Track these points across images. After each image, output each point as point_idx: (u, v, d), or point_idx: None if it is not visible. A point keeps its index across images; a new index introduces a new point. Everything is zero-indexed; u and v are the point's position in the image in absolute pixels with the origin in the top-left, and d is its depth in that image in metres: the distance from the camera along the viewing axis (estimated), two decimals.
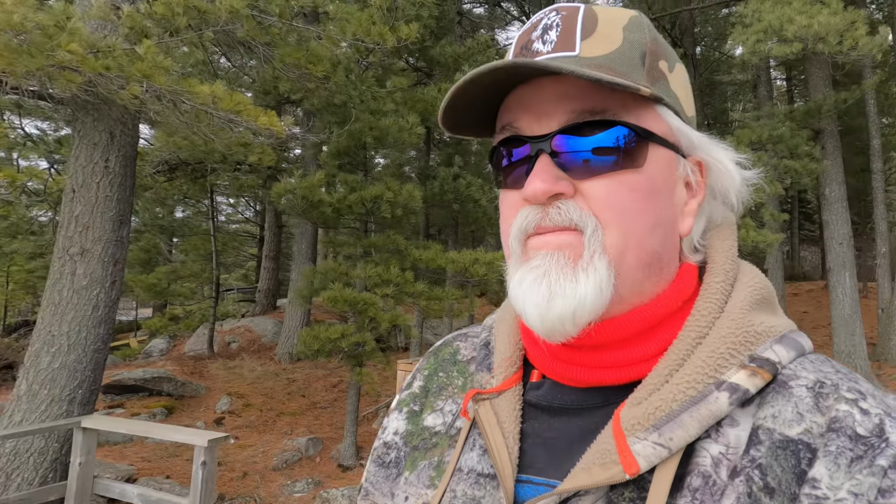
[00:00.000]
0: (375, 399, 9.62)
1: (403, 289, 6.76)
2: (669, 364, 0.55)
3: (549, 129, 0.57)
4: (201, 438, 4.43)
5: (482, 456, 0.63)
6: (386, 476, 0.73)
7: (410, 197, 6.65)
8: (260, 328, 14.00)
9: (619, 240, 0.56)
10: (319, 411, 9.16)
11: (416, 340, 10.00)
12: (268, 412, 8.99)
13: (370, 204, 6.58)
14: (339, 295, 6.57)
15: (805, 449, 0.50)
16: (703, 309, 0.58)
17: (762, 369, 0.53)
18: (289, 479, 6.69)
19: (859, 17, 5.85)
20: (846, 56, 6.22)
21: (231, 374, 10.84)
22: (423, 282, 6.83)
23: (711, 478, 0.51)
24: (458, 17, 9.50)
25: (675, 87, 0.62)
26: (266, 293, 16.51)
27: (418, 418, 0.74)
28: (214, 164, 11.15)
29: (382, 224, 7.42)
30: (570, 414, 0.61)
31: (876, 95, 10.64)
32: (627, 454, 0.51)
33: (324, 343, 6.53)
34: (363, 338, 6.51)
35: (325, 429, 8.34)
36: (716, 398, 0.52)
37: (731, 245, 0.64)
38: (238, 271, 24.70)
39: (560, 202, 0.57)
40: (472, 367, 0.74)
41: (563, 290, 0.55)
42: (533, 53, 0.59)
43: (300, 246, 13.24)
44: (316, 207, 6.46)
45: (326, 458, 7.33)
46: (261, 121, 4.44)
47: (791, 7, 5.74)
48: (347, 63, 5.75)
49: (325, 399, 9.80)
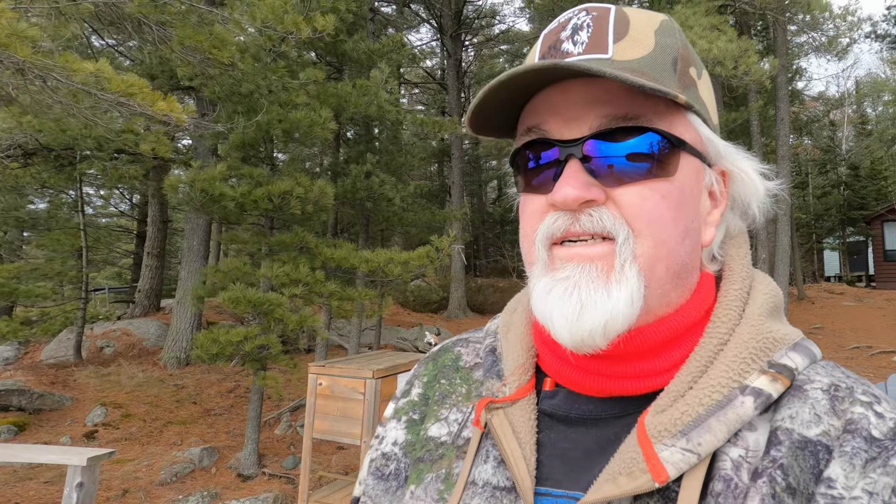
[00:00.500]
0: (277, 404, 9.19)
1: (313, 289, 6.51)
2: (692, 371, 0.55)
3: (580, 134, 0.56)
4: (79, 457, 3.87)
5: (497, 468, 0.60)
6: (386, 489, 0.69)
7: (322, 193, 6.42)
8: (141, 331, 12.89)
9: (652, 249, 0.55)
10: (214, 418, 8.58)
11: (322, 342, 9.69)
12: (153, 422, 8.24)
13: (278, 199, 6.27)
14: (242, 295, 6.19)
15: (824, 450, 0.51)
16: (723, 316, 0.58)
17: (781, 375, 0.54)
18: (180, 494, 6.19)
19: (751, 45, 6.46)
20: (740, 80, 6.84)
21: (105, 382, 9.81)
22: (336, 281, 6.62)
23: (733, 481, 0.50)
24: (370, 13, 9.33)
25: (703, 94, 0.61)
26: (148, 293, 15.32)
27: (419, 428, 0.70)
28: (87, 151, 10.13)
29: (289, 221, 7.11)
30: (587, 425, 0.60)
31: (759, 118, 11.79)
32: (656, 462, 0.50)
33: (224, 346, 6.12)
34: (268, 340, 6.18)
35: (221, 437, 7.83)
36: (741, 402, 0.52)
37: (746, 253, 0.65)
38: (109, 269, 22.73)
39: (592, 209, 0.55)
40: (476, 374, 0.71)
41: (595, 304, 0.54)
42: (562, 54, 0.57)
43: (191, 243, 12.41)
44: (217, 202, 6.05)
45: (223, 469, 6.87)
46: (158, 106, 4.04)
47: (693, 31, 6.22)
48: (256, 51, 5.42)
49: (220, 405, 9.21)
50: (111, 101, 4.11)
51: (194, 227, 12.33)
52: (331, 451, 7.55)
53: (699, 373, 0.55)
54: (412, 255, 7.20)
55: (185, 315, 11.85)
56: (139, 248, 17.73)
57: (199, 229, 12.30)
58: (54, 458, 4.01)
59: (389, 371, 5.16)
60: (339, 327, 12.83)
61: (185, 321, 11.82)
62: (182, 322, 11.82)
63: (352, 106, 7.26)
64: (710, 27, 6.67)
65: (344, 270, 7.04)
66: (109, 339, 12.20)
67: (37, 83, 3.67)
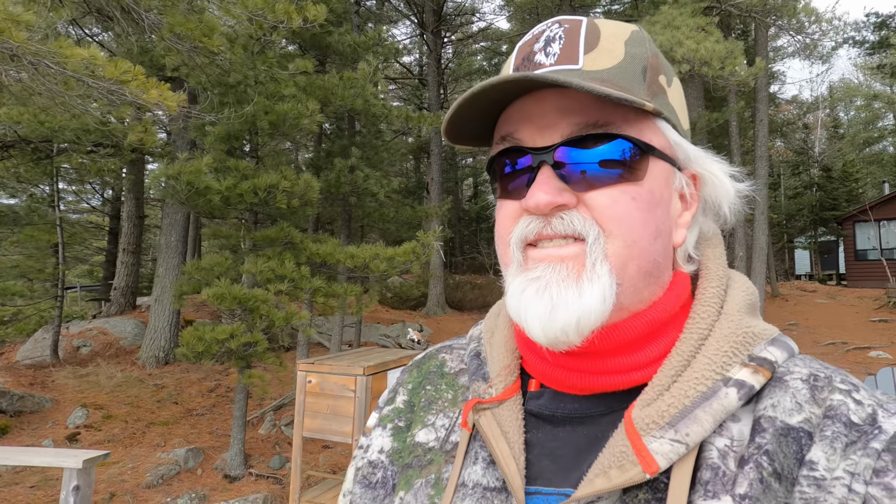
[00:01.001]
0: (260, 403, 9.03)
1: (299, 284, 6.39)
2: (675, 365, 0.57)
3: (552, 141, 0.58)
4: (74, 460, 3.79)
5: (486, 469, 0.61)
6: (374, 498, 0.69)
7: (308, 187, 6.31)
8: (118, 330, 12.57)
9: (623, 249, 0.57)
10: (196, 419, 8.39)
11: (304, 340, 9.56)
12: (135, 423, 8.02)
13: (264, 193, 6.14)
14: (227, 292, 6.05)
15: (806, 436, 0.53)
16: (702, 312, 0.60)
17: (763, 367, 0.56)
18: (167, 496, 6.03)
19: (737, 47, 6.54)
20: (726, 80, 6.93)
21: (84, 382, 9.55)
22: (320, 277, 6.51)
23: (721, 469, 0.52)
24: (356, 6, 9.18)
25: (673, 100, 0.64)
26: (124, 291, 14.94)
27: (405, 435, 0.71)
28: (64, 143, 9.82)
29: (274, 216, 6.97)
30: (573, 423, 0.61)
31: (738, 119, 11.99)
32: (645, 453, 0.52)
33: (210, 344, 5.97)
34: (255, 338, 6.05)
35: (204, 437, 7.65)
36: (725, 394, 0.54)
37: (721, 254, 0.67)
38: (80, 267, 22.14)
39: (563, 212, 0.57)
40: (462, 380, 0.73)
41: (566, 302, 0.55)
42: (535, 65, 0.60)
43: (168, 239, 12.12)
44: (202, 195, 5.89)
45: (209, 470, 6.72)
46: (151, 94, 3.90)
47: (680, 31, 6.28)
48: (246, 40, 5.28)
49: (202, 405, 9.01)
50: (102, 89, 3.95)
51: (172, 223, 12.05)
52: (317, 450, 7.45)
53: (682, 367, 0.57)
54: (398, 250, 7.12)
55: (164, 313, 11.59)
56: (112, 244, 17.27)
57: (178, 225, 12.03)
58: (49, 461, 3.89)
59: (380, 368, 5.09)
60: (318, 324, 12.67)
61: (163, 319, 11.56)
62: (160, 320, 11.55)
63: (338, 99, 7.15)
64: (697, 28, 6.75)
65: (326, 266, 6.92)
66: (86, 339, 11.86)
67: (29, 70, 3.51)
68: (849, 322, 15.21)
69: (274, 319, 6.19)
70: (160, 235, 14.54)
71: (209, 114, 5.97)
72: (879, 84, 34.71)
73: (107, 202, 18.54)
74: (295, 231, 6.67)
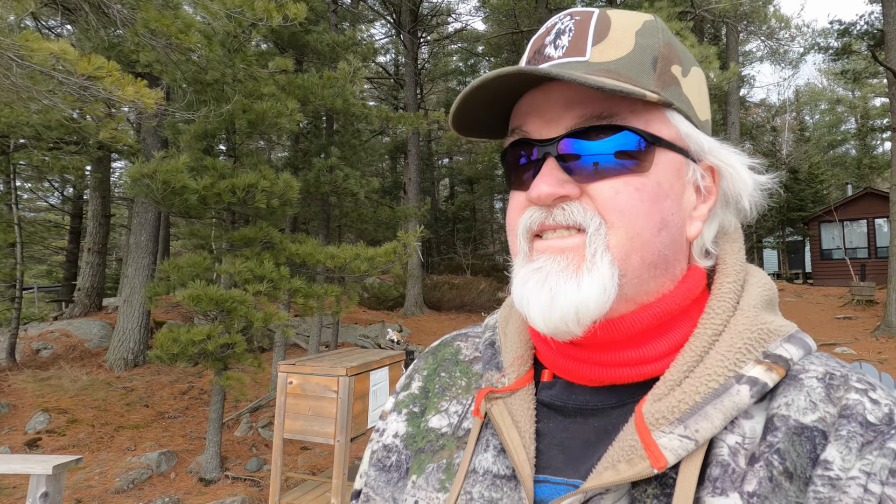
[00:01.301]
0: (235, 405, 8.89)
1: (278, 285, 6.32)
2: (688, 360, 0.57)
3: (557, 133, 0.59)
4: (43, 465, 3.65)
5: (497, 456, 0.62)
6: (387, 480, 0.71)
7: (288, 187, 6.24)
8: (82, 332, 12.19)
9: (625, 240, 0.57)
10: (169, 422, 8.22)
11: (281, 341, 9.45)
12: (102, 427, 7.79)
13: (242, 193, 6.05)
14: (204, 293, 5.94)
15: (820, 435, 0.52)
16: (717, 307, 0.60)
17: (777, 365, 0.55)
18: (139, 501, 5.89)
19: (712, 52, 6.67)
20: None
21: (45, 386, 9.23)
22: (300, 278, 6.45)
23: (730, 466, 0.52)
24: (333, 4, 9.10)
25: (689, 91, 0.62)
26: (89, 292, 14.54)
27: (420, 420, 0.73)
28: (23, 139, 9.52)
29: (252, 215, 6.87)
30: (585, 415, 0.61)
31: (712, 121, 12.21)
32: (654, 448, 0.52)
33: (186, 346, 5.86)
34: (233, 339, 5.96)
35: (177, 441, 7.50)
36: (737, 391, 0.53)
37: (740, 248, 0.66)
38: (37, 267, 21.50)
39: (565, 203, 0.58)
40: (476, 367, 0.74)
41: (564, 292, 0.56)
42: (545, 58, 0.60)
43: (138, 238, 11.84)
44: (179, 195, 5.78)
45: (183, 473, 6.58)
46: (127, 91, 3.81)
47: None
48: (224, 38, 5.19)
49: (175, 408, 8.83)
50: (74, 85, 3.84)
51: (142, 223, 11.78)
52: (295, 451, 7.37)
53: (695, 362, 0.56)
54: (379, 251, 7.08)
55: (133, 314, 11.33)
56: (73, 244, 16.82)
57: (148, 224, 11.77)
58: (15, 468, 3.72)
59: (363, 368, 5.06)
60: (294, 325, 12.53)
61: (132, 321, 11.29)
62: (129, 321, 11.29)
63: (318, 98, 7.08)
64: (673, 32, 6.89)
65: (305, 267, 6.86)
66: (46, 341, 11.50)
67: None
68: (815, 319, 15.65)
69: (253, 320, 6.10)
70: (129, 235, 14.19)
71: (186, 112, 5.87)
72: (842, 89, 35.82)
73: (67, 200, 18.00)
74: (274, 231, 6.59)
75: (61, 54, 3.84)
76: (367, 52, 10.03)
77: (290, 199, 6.44)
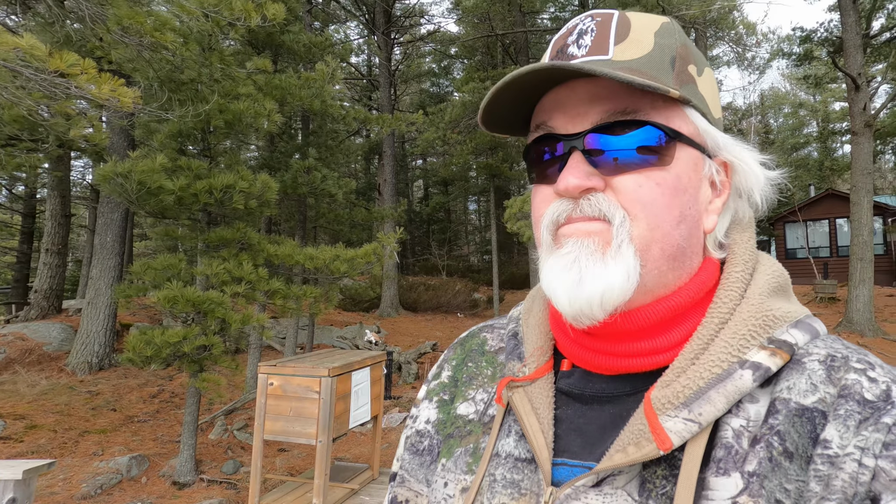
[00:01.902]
0: (209, 408, 8.77)
1: (257, 286, 6.26)
2: (695, 348, 0.59)
3: (582, 128, 0.61)
4: (12, 470, 3.50)
5: (518, 441, 0.66)
6: (420, 463, 0.75)
7: (266, 188, 6.19)
8: (40, 335, 11.67)
9: (646, 231, 0.60)
10: (138, 426, 8.05)
11: (256, 343, 9.35)
12: (65, 432, 7.53)
13: (220, 194, 5.99)
14: (180, 294, 5.86)
15: (820, 416, 0.54)
16: (724, 297, 0.62)
17: (781, 350, 0.57)
18: None
19: None
20: None
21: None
22: (278, 279, 6.40)
23: (734, 447, 0.54)
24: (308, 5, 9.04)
25: (704, 90, 0.65)
26: (47, 294, 14.07)
27: (449, 407, 0.77)
28: None
29: (229, 216, 6.80)
30: (601, 402, 0.64)
31: None
32: (660, 431, 0.55)
33: (160, 348, 5.77)
34: (210, 340, 5.89)
35: (148, 444, 7.36)
36: (740, 375, 0.56)
37: (750, 237, 0.69)
38: None
39: (591, 195, 0.60)
40: (501, 357, 0.77)
41: (593, 275, 0.58)
42: (568, 57, 0.63)
43: (104, 239, 11.55)
44: (154, 195, 5.70)
45: (155, 477, 6.47)
46: (103, 89, 3.75)
47: None
48: (201, 37, 5.12)
49: (144, 412, 8.66)
50: (43, 81, 3.76)
51: (108, 223, 11.50)
52: (273, 453, 7.31)
53: (701, 350, 0.59)
54: (358, 252, 7.08)
55: (98, 316, 11.05)
56: (25, 244, 16.30)
57: (114, 224, 11.49)
58: None
59: (344, 369, 5.06)
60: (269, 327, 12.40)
61: (97, 323, 11.01)
62: (94, 324, 11.00)
63: (295, 99, 7.05)
64: None
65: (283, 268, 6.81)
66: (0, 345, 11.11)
67: None
68: None
69: (230, 322, 6.04)
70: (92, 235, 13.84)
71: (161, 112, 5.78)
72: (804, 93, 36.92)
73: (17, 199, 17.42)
74: (252, 232, 6.53)
75: (29, 49, 3.75)
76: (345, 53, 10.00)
77: (268, 199, 6.40)
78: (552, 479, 0.61)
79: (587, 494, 0.57)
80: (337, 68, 7.00)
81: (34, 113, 4.64)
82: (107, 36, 4.80)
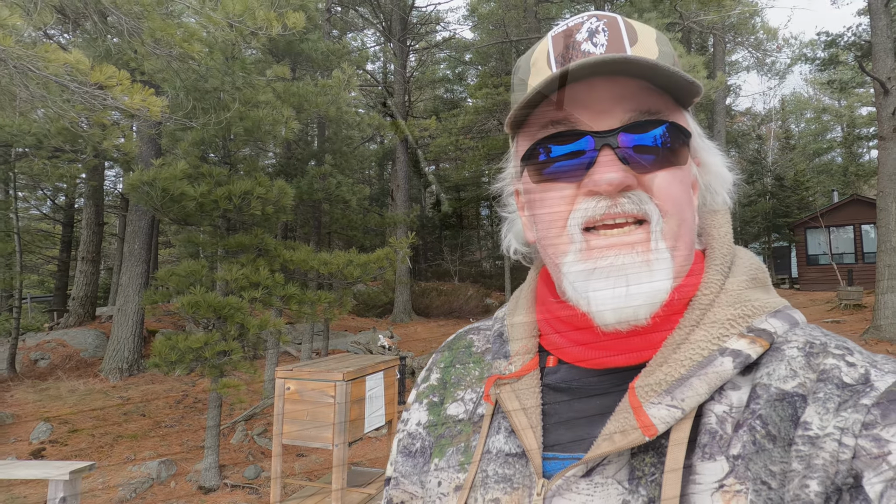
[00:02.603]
0: (230, 413, 8.88)
1: (273, 291, 6.35)
2: (676, 339, 0.61)
3: (610, 126, 0.61)
4: (60, 471, 3.70)
5: (508, 437, 0.67)
6: (413, 465, 0.76)
7: (283, 193, 6.29)
8: (77, 342, 12.12)
9: (676, 227, 0.62)
10: (166, 430, 8.21)
11: (274, 348, 9.45)
12: (102, 437, 7.80)
13: (238, 200, 6.10)
14: (203, 300, 5.98)
15: (800, 400, 0.56)
16: (705, 289, 0.64)
17: (760, 338, 0.59)
18: None
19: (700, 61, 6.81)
20: None
21: (45, 396, 9.26)
22: (294, 284, 6.49)
23: (718, 433, 0.56)
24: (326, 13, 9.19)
25: None
26: (83, 301, 14.45)
27: (439, 409, 0.78)
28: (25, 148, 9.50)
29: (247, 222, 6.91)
30: (589, 395, 0.65)
31: None
32: (644, 418, 0.56)
33: (184, 354, 5.89)
34: (230, 346, 5.98)
35: (175, 449, 7.50)
36: (721, 362, 0.58)
37: (728, 231, 0.71)
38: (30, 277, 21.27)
39: (630, 192, 0.60)
40: (488, 358, 0.79)
41: (640, 285, 0.59)
42: (584, 54, 0.63)
43: (132, 247, 11.81)
44: (177, 202, 5.82)
45: (182, 482, 6.58)
46: (135, 99, 3.86)
47: None
48: (225, 46, 5.25)
49: (171, 417, 8.81)
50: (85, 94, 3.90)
51: (135, 231, 11.75)
52: (291, 458, 7.37)
53: (682, 340, 0.60)
54: (371, 256, 7.14)
55: (127, 323, 11.28)
56: (65, 253, 16.71)
57: (141, 232, 11.74)
58: (34, 473, 3.79)
59: (359, 373, 5.09)
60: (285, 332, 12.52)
61: (126, 330, 11.24)
62: (124, 331, 11.23)
63: (312, 106, 7.15)
64: None
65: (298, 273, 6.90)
66: (44, 352, 11.44)
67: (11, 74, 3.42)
68: None
69: (249, 327, 6.13)
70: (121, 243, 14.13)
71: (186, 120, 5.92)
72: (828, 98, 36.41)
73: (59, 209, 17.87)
74: (269, 237, 6.63)
75: (75, 64, 3.89)
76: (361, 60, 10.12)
77: (284, 205, 6.50)
78: (544, 471, 0.62)
79: (578, 484, 0.59)
80: (353, 75, 7.11)
81: (76, 125, 4.80)
82: (141, 48, 4.95)
